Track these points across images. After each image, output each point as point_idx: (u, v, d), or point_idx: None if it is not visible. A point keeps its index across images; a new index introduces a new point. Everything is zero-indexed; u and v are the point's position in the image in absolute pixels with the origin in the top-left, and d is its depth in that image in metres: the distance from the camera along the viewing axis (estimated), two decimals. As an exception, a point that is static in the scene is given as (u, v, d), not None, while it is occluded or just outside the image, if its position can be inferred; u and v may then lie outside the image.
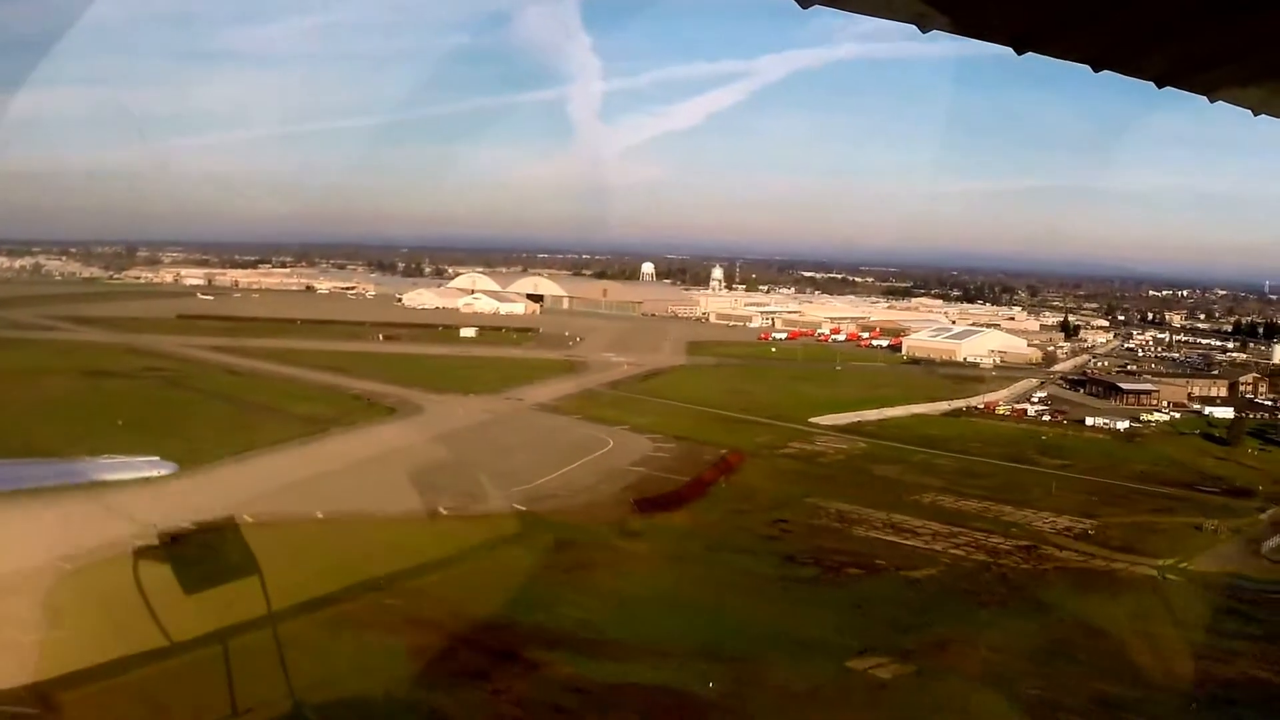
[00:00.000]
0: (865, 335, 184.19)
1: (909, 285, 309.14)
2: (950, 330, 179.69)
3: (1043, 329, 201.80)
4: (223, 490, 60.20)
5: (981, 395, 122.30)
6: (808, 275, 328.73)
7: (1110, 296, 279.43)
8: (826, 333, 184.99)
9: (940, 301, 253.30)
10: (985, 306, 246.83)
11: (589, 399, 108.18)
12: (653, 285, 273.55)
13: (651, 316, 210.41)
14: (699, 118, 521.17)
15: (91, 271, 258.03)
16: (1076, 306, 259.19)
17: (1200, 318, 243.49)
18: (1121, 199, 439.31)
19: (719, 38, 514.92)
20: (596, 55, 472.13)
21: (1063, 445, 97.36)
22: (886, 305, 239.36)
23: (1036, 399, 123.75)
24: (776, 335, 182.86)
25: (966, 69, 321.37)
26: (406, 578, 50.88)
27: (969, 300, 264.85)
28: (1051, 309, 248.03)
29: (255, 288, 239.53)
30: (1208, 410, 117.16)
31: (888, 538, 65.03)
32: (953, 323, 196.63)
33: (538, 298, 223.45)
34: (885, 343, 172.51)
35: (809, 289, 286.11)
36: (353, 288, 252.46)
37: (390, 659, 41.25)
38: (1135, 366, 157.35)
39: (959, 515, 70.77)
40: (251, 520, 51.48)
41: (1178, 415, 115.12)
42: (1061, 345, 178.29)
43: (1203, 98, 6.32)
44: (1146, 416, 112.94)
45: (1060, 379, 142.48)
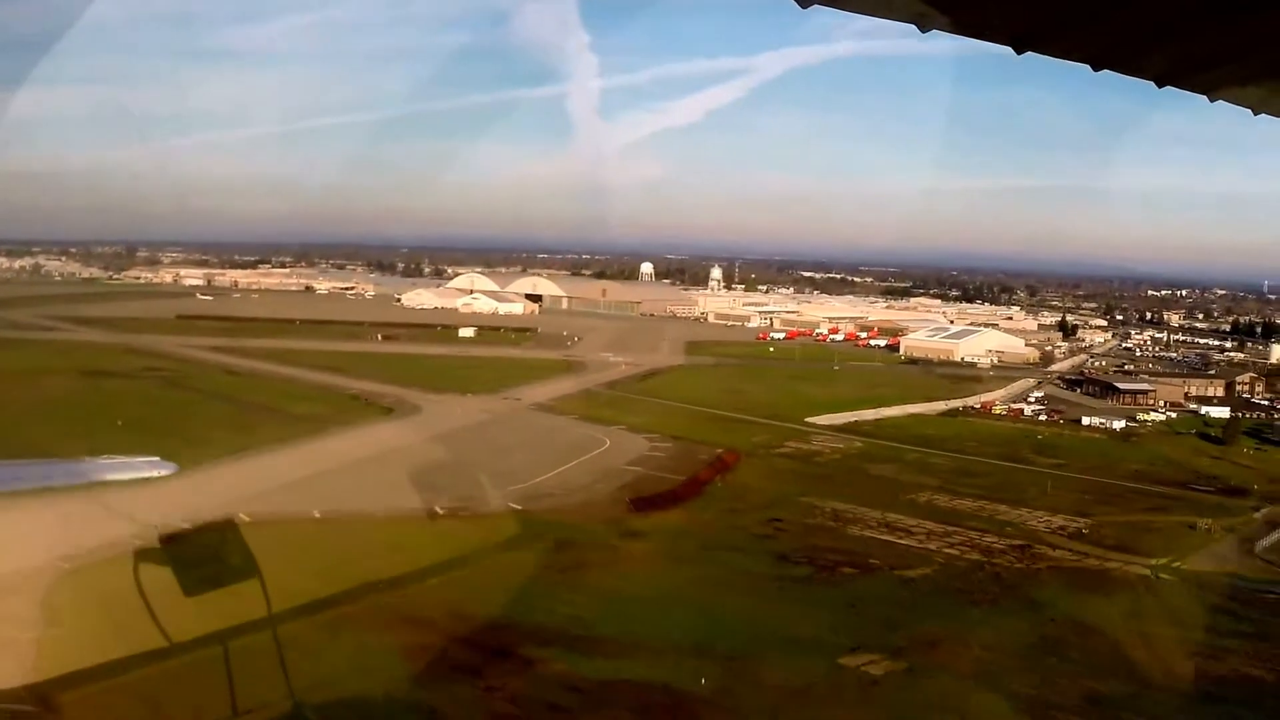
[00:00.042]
0: (863, 335, 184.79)
1: (908, 285, 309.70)
2: (948, 330, 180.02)
3: (1041, 329, 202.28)
4: (221, 490, 60.51)
5: (978, 395, 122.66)
6: (807, 275, 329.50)
7: (1109, 296, 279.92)
8: (824, 332, 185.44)
9: (939, 301, 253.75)
10: (984, 306, 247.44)
11: (586, 399, 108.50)
12: (652, 285, 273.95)
13: (650, 316, 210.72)
14: (698, 115, 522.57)
15: (91, 272, 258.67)
16: (1075, 306, 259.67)
17: (1199, 317, 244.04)
18: (1121, 199, 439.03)
19: (718, 34, 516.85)
20: (595, 52, 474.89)
21: (1058, 445, 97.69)
22: (885, 305, 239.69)
23: (1033, 399, 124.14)
24: (774, 335, 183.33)
25: (966, 68, 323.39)
26: (401, 576, 51.19)
27: (968, 300, 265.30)
28: (1050, 309, 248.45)
29: (254, 288, 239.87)
30: (1204, 410, 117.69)
31: (882, 537, 65.28)
32: (951, 323, 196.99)
33: (536, 298, 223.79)
34: (883, 342, 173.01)
35: (808, 289, 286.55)
36: (352, 288, 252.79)
37: (384, 657, 41.54)
38: (1133, 366, 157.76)
39: (954, 514, 71.06)
40: (248, 519, 51.74)
41: (1174, 415, 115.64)
42: (1059, 345, 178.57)
43: (1202, 97, 6.32)
44: (1143, 416, 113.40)
45: (1057, 379, 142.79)
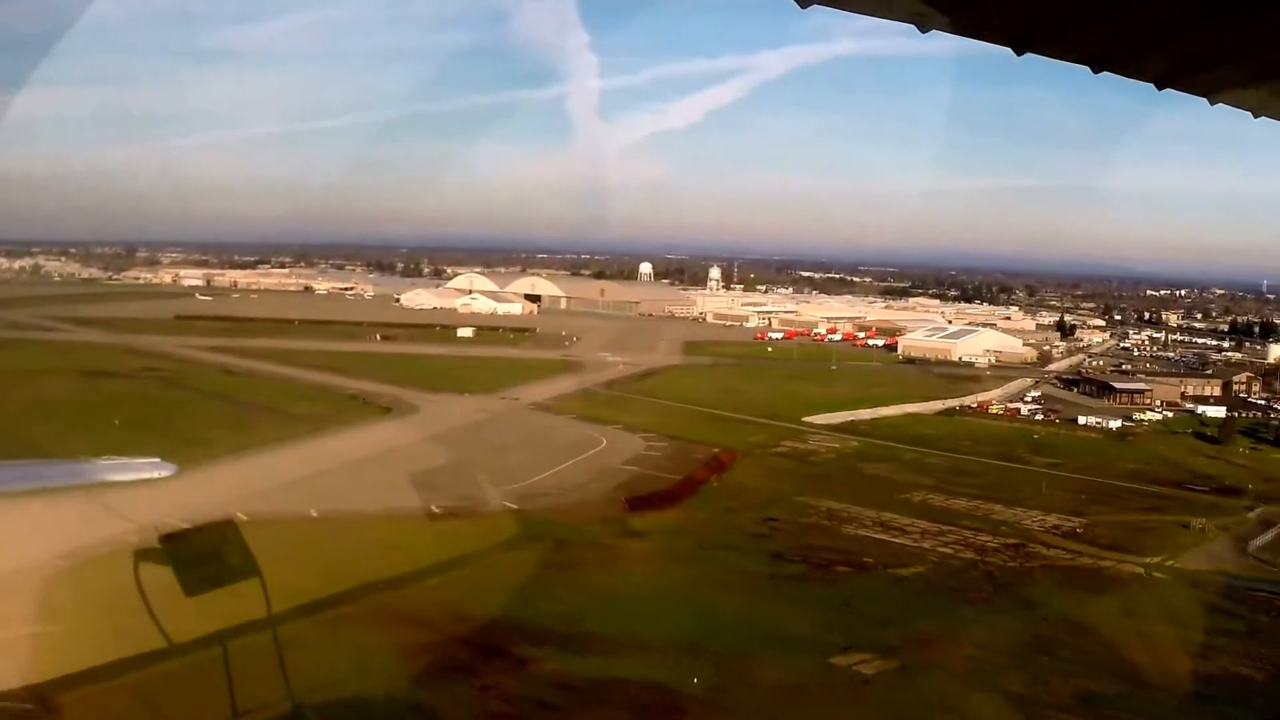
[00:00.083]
0: (861, 335, 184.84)
1: (907, 285, 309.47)
2: (946, 330, 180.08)
3: (1039, 329, 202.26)
4: (219, 489, 60.70)
5: (975, 394, 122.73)
6: (806, 275, 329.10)
7: (1108, 296, 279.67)
8: (823, 332, 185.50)
9: (937, 301, 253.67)
10: (982, 306, 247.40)
11: (584, 398, 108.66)
12: (650, 285, 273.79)
13: (649, 316, 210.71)
14: (698, 115, 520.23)
15: (90, 272, 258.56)
16: (1074, 306, 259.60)
17: (1197, 317, 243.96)
18: (1120, 199, 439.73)
19: (717, 34, 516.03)
20: (594, 52, 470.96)
21: (1054, 444, 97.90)
22: (883, 305, 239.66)
23: (1030, 398, 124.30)
24: (773, 335, 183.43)
25: (966, 68, 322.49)
26: (400, 576, 51.48)
27: (966, 300, 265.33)
28: (1049, 309, 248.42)
29: (254, 288, 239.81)
30: (1200, 409, 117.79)
31: (877, 536, 65.60)
32: (949, 322, 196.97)
33: (535, 298, 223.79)
34: (881, 342, 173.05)
35: (807, 289, 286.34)
36: (351, 288, 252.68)
37: (384, 657, 41.82)
38: (1130, 366, 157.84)
39: (948, 513, 71.34)
40: (247, 519, 52.03)
41: (1171, 414, 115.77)
42: (1057, 345, 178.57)
43: (1202, 98, 6.32)
44: (1139, 415, 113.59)
45: (1055, 378, 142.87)
